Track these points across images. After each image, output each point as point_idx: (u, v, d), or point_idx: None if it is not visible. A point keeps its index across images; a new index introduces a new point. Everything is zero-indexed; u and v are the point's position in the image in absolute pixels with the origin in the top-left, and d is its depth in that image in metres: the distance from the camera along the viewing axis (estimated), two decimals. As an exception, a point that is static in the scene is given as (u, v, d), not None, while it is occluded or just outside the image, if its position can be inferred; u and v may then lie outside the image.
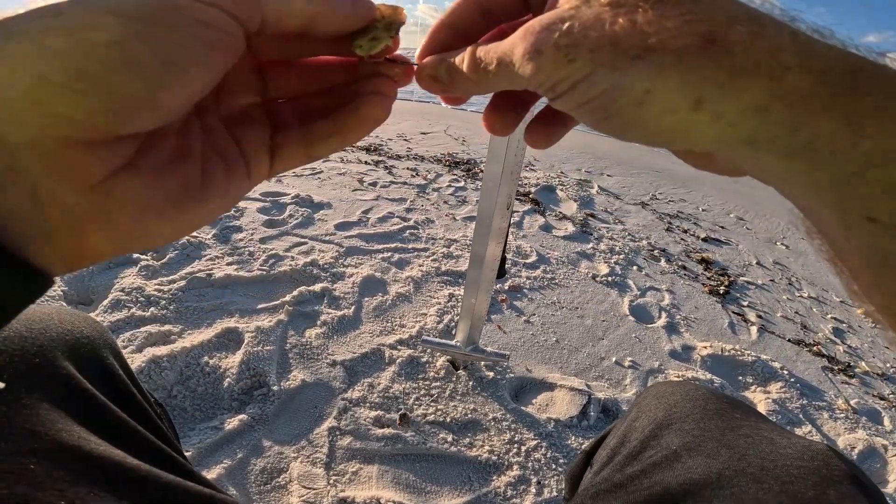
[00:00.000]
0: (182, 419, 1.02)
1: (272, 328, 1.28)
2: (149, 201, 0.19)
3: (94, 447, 0.31)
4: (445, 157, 3.31)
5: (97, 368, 0.39)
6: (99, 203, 0.18)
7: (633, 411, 0.56)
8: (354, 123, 0.25)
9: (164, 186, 0.20)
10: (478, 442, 1.07)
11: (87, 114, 0.16)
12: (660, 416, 0.49)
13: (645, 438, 0.47)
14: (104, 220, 0.18)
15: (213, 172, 0.22)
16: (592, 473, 0.53)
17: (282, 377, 1.15)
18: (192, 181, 0.21)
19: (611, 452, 0.52)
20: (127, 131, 0.18)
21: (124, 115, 0.17)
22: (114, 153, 0.18)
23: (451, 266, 1.76)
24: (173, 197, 0.20)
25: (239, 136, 0.24)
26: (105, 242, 0.19)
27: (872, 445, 1.31)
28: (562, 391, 1.25)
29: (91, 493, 0.28)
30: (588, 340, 1.50)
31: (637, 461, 0.46)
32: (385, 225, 2.02)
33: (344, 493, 0.92)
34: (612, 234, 2.42)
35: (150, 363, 1.08)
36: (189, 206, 0.21)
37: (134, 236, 0.20)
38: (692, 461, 0.41)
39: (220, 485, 0.89)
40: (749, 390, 1.45)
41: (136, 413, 0.40)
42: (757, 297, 2.08)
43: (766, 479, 0.37)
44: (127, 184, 0.18)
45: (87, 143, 0.17)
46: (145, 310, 1.28)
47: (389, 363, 1.24)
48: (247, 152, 0.24)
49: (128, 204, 0.19)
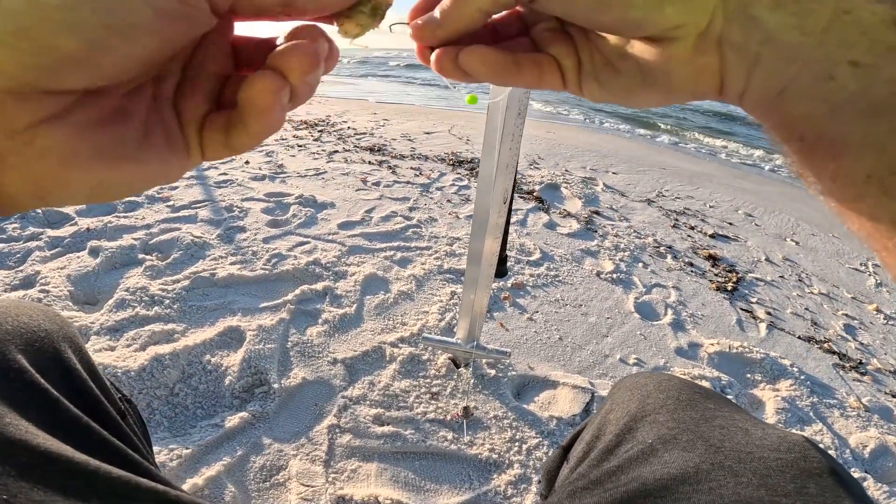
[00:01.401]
0: (184, 417, 1.03)
1: (274, 326, 1.28)
2: (72, 154, 0.19)
3: (42, 442, 0.31)
4: (449, 156, 3.31)
5: (53, 363, 0.39)
6: (18, 150, 0.18)
7: (606, 404, 0.55)
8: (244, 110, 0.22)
9: (92, 141, 0.20)
10: (478, 440, 1.06)
11: (19, 68, 0.17)
12: (633, 408, 0.48)
13: (620, 432, 0.46)
14: (22, 165, 0.18)
15: (153, 137, 0.22)
16: (569, 469, 0.52)
17: (283, 375, 1.15)
18: (127, 141, 0.21)
19: (586, 447, 0.51)
20: (59, 88, 0.18)
21: (58, 73, 0.17)
22: (42, 106, 0.18)
23: (453, 264, 1.76)
24: (103, 153, 0.20)
25: (181, 109, 0.24)
26: (22, 186, 0.19)
27: (885, 444, 1.28)
28: (564, 389, 1.24)
29: (35, 489, 0.28)
30: (592, 338, 1.49)
31: (613, 456, 0.45)
32: (388, 224, 2.02)
33: (342, 490, 0.91)
34: (617, 231, 2.39)
35: (153, 361, 1.09)
36: (122, 165, 0.21)
37: (54, 186, 0.20)
38: (668, 455, 0.40)
39: (219, 482, 0.89)
40: (758, 388, 1.43)
41: (91, 409, 0.39)
42: (766, 293, 2.05)
43: (743, 472, 0.36)
44: (50, 134, 0.18)
45: (16, 94, 0.17)
46: (149, 309, 1.29)
47: (390, 361, 1.24)
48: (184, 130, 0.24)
49: (47, 154, 0.19)
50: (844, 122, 0.21)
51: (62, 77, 0.17)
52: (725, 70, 0.24)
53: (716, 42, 0.23)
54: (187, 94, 0.24)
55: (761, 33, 0.21)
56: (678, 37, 0.23)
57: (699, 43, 0.23)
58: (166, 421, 1.01)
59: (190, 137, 0.24)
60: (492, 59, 0.26)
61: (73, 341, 0.44)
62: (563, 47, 0.27)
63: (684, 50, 0.23)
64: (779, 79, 0.22)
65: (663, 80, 0.25)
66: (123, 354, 1.12)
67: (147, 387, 1.04)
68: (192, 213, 1.90)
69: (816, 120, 0.22)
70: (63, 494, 0.29)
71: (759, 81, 0.23)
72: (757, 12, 0.21)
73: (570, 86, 0.28)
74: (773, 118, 0.24)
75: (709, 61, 0.24)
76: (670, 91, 0.26)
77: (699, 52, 0.23)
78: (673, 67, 0.24)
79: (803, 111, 0.22)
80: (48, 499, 0.28)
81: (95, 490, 0.31)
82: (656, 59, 0.24)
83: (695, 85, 0.25)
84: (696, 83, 0.25)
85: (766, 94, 0.23)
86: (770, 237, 2.87)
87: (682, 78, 0.25)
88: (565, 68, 0.28)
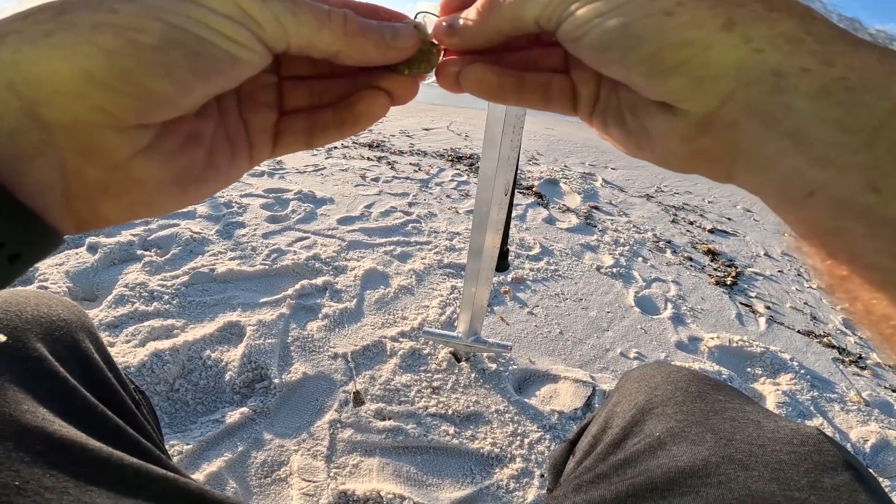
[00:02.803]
0: (184, 413, 1.02)
1: (274, 321, 1.27)
2: (161, 182, 0.21)
3: (58, 429, 0.30)
4: (448, 152, 3.30)
5: (72, 352, 0.39)
6: (119, 180, 0.20)
7: (613, 396, 0.54)
8: (350, 118, 0.25)
9: (175, 169, 0.22)
10: (480, 434, 1.06)
11: (119, 107, 0.18)
12: (641, 400, 0.47)
13: (627, 425, 0.45)
14: (120, 194, 0.21)
15: (217, 155, 0.24)
16: (574, 462, 0.52)
17: (283, 370, 1.14)
18: (195, 164, 0.23)
19: (592, 440, 0.50)
20: (151, 122, 0.20)
21: (151, 109, 0.19)
22: (137, 139, 0.20)
23: (453, 258, 1.75)
24: (178, 178, 0.22)
25: (248, 118, 0.26)
26: (115, 211, 0.21)
27: (886, 438, 1.29)
28: (566, 383, 1.24)
29: (48, 475, 0.28)
30: (592, 332, 1.49)
31: (620, 450, 0.44)
32: (387, 219, 2.01)
33: (344, 485, 0.91)
34: (617, 226, 2.39)
35: (152, 357, 1.08)
36: (190, 187, 0.23)
37: (140, 209, 0.22)
38: (677, 448, 0.39)
39: (220, 478, 0.89)
40: (758, 382, 1.43)
41: (107, 398, 0.39)
42: (765, 287, 2.05)
43: (755, 465, 0.35)
44: (145, 165, 0.20)
45: (116, 129, 0.19)
46: (149, 305, 1.28)
47: (391, 355, 1.24)
48: (252, 136, 0.26)
49: (143, 183, 0.21)
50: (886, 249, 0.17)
51: (154, 112, 0.19)
52: (736, 160, 0.21)
53: (726, 127, 0.20)
54: (252, 108, 0.26)
55: (791, 123, 0.18)
56: (683, 111, 0.21)
57: (704, 125, 0.21)
58: (166, 417, 1.00)
59: (259, 143, 0.26)
60: (491, 81, 0.25)
61: (91, 332, 0.44)
62: (586, 74, 0.26)
63: (686, 128, 0.21)
64: (805, 182, 0.18)
65: (660, 151, 0.23)
66: (123, 350, 1.12)
67: (147, 382, 1.04)
68: (190, 208, 1.89)
69: (851, 239, 0.18)
70: (75, 480, 0.29)
71: (779, 181, 0.19)
72: (791, 100, 0.18)
73: (581, 113, 0.27)
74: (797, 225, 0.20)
75: (712, 146, 0.21)
76: (668, 164, 0.24)
77: (703, 133, 0.21)
78: (671, 143, 0.22)
79: (834, 225, 0.18)
80: (59, 485, 0.28)
81: (107, 477, 0.30)
82: (658, 127, 0.22)
83: (692, 167, 0.23)
84: (693, 165, 0.23)
85: (787, 196, 0.19)
86: (768, 232, 2.87)
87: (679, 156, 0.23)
88: (581, 96, 0.27)
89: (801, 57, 0.18)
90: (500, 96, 0.26)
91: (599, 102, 0.26)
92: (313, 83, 0.27)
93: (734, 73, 0.19)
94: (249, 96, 0.26)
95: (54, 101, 0.17)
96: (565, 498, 0.41)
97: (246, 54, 0.20)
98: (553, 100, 0.27)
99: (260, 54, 0.21)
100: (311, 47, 0.22)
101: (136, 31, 0.18)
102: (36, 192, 0.19)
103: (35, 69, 0.17)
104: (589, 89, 0.26)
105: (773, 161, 0.19)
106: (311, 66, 0.27)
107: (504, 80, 0.26)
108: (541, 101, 0.26)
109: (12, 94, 0.17)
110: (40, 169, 0.18)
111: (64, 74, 0.17)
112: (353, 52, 0.23)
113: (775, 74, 0.18)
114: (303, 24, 0.21)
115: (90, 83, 0.17)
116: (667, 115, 0.22)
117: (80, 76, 0.17)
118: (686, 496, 0.35)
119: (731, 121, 0.20)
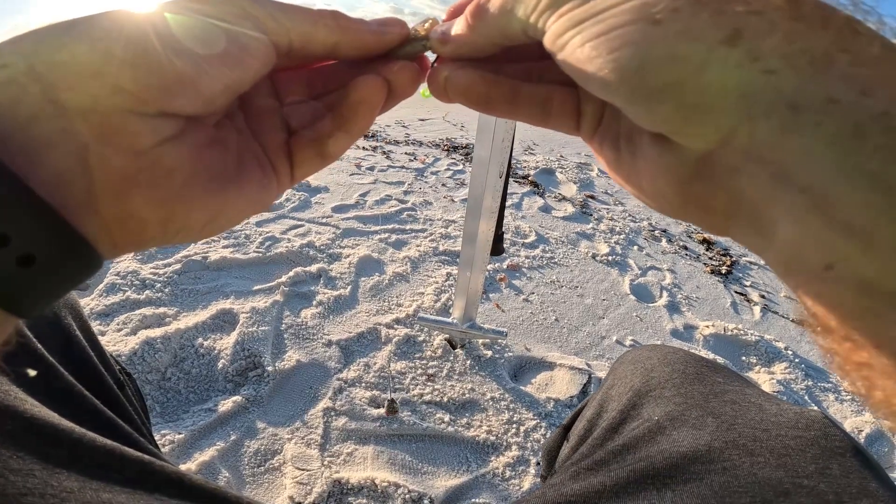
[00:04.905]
0: (176, 401, 1.01)
1: (267, 309, 1.26)
2: (193, 173, 0.21)
3: (30, 408, 0.29)
4: (444, 142, 3.27)
5: (52, 328, 0.37)
6: (146, 168, 0.19)
7: (608, 379, 0.53)
8: (349, 112, 0.24)
9: (206, 162, 0.21)
10: (475, 422, 1.05)
11: (140, 88, 0.18)
12: (637, 382, 0.46)
13: (624, 409, 0.44)
14: (152, 183, 0.19)
15: (248, 165, 0.24)
16: (569, 448, 0.51)
17: (276, 358, 1.13)
18: (229, 166, 0.22)
19: (588, 424, 0.49)
20: (172, 109, 0.19)
21: (172, 92, 0.19)
22: (161, 126, 0.19)
23: (448, 246, 1.74)
24: (215, 175, 0.21)
25: (261, 140, 0.25)
26: (151, 210, 0.20)
27: (880, 428, 1.29)
28: (561, 370, 1.23)
29: (14, 457, 0.27)
30: (588, 319, 1.48)
31: (618, 434, 0.43)
32: (382, 207, 1.99)
33: (338, 474, 0.90)
34: (613, 214, 2.38)
35: (144, 345, 1.07)
36: (229, 189, 0.22)
37: (177, 209, 0.20)
38: (677, 433, 0.38)
39: (213, 467, 0.88)
40: (753, 370, 1.43)
41: (87, 377, 0.38)
42: (760, 277, 2.05)
43: (760, 451, 0.34)
44: (174, 153, 0.20)
45: (136, 114, 0.18)
46: (140, 293, 1.27)
47: (386, 342, 1.23)
48: (271, 157, 0.25)
49: (174, 172, 0.20)
50: None
51: (174, 96, 0.19)
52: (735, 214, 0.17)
53: (727, 173, 0.16)
54: (262, 128, 0.25)
55: (809, 175, 0.14)
56: (677, 146, 0.17)
57: (700, 166, 0.17)
58: (158, 406, 0.99)
59: (278, 164, 0.25)
60: (479, 89, 0.23)
61: (74, 308, 0.42)
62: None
63: (679, 167, 0.18)
64: (823, 252, 0.14)
65: (649, 190, 0.20)
66: (114, 339, 1.10)
67: (138, 371, 1.02)
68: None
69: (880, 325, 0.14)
70: (43, 462, 0.28)
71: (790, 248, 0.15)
72: (811, 143, 0.14)
73: (583, 133, 0.24)
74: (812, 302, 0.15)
75: (708, 194, 0.17)
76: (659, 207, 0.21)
77: (699, 176, 0.17)
78: (661, 183, 0.19)
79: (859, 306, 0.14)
80: (25, 467, 0.27)
81: (77, 459, 0.29)
82: (649, 162, 0.19)
83: (684, 213, 0.19)
84: (685, 212, 0.19)
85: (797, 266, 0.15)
86: (764, 221, 2.87)
87: (670, 198, 0.19)
88: (585, 113, 0.24)
89: (827, 83, 0.13)
90: (491, 106, 0.24)
91: (603, 122, 0.23)
92: (314, 103, 0.27)
93: (736, 103, 0.15)
94: (256, 119, 0.25)
95: (74, 82, 0.17)
96: (563, 485, 0.40)
97: (254, 44, 0.21)
98: (553, 115, 0.24)
99: (267, 45, 0.21)
100: (311, 41, 0.22)
101: (151, 17, 0.19)
102: (56, 184, 0.18)
103: (57, 55, 0.17)
104: (594, 107, 0.23)
105: (782, 221, 0.15)
106: (309, 88, 0.27)
107: (494, 90, 0.24)
108: (539, 115, 0.24)
109: (32, 78, 0.17)
110: (60, 158, 0.18)
111: (84, 53, 0.17)
112: (351, 41, 0.23)
113: (790, 107, 0.14)
114: (297, 21, 0.22)
115: (110, 60, 0.17)
116: (658, 148, 0.18)
117: (100, 54, 0.17)
118: (690, 483, 0.34)
119: (731, 166, 0.16)
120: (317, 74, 0.27)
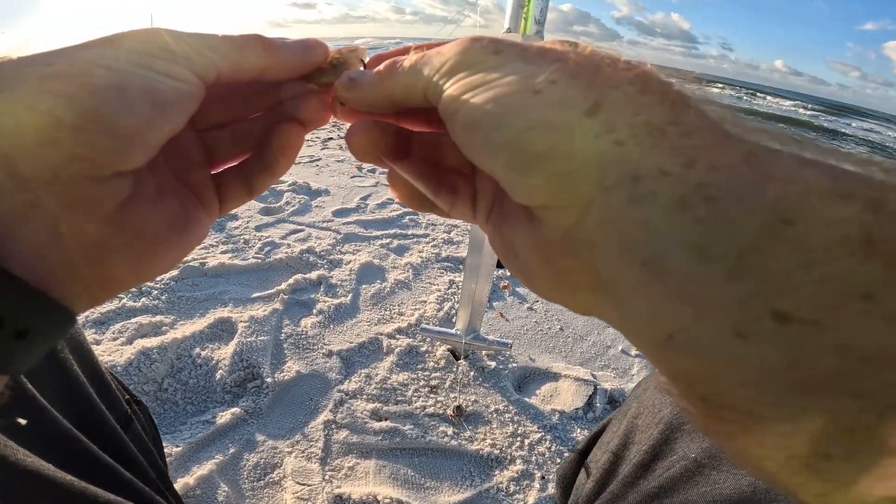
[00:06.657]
0: (173, 413, 0.99)
1: (267, 318, 1.23)
2: (158, 225, 0.21)
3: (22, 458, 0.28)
4: (446, 142, 3.25)
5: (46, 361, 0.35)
6: (116, 232, 0.19)
7: (632, 406, 0.50)
8: (273, 157, 0.25)
9: (165, 212, 0.22)
10: (479, 435, 1.03)
11: (94, 151, 0.17)
12: (666, 413, 0.43)
13: (655, 443, 0.42)
14: (125, 246, 0.20)
15: (190, 208, 0.24)
16: (594, 482, 0.48)
17: (276, 368, 1.11)
18: (177, 211, 0.23)
19: (613, 458, 0.47)
20: (126, 167, 0.19)
21: (123, 151, 0.18)
22: (118, 187, 0.19)
23: (451, 252, 1.72)
24: (174, 219, 0.22)
25: (187, 179, 0.25)
26: (125, 270, 0.20)
27: None
28: (566, 381, 1.21)
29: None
30: (594, 328, 1.46)
31: (651, 474, 0.40)
32: (384, 211, 1.97)
33: (340, 489, 0.88)
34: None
35: (140, 355, 1.05)
36: (183, 234, 0.23)
37: (150, 262, 0.21)
38: (717, 473, 0.35)
39: (211, 481, 0.86)
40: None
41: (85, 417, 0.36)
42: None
43: None
44: (137, 210, 0.20)
45: (95, 179, 0.18)
46: (136, 300, 1.24)
47: (388, 353, 1.20)
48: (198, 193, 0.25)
49: (143, 229, 0.20)
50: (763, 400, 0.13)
51: (126, 154, 0.18)
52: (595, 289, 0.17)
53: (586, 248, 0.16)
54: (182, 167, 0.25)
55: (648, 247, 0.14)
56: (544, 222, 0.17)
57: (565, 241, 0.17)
58: (155, 418, 0.97)
59: (207, 199, 0.25)
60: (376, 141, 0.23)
61: (74, 339, 0.39)
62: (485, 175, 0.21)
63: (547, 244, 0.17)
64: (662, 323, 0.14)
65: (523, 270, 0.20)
66: (109, 348, 1.08)
67: (134, 382, 1.00)
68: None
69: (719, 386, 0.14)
70: None
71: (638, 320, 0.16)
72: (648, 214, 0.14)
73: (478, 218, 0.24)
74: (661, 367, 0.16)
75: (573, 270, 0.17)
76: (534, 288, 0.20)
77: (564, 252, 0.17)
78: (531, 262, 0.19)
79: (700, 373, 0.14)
80: None
81: None
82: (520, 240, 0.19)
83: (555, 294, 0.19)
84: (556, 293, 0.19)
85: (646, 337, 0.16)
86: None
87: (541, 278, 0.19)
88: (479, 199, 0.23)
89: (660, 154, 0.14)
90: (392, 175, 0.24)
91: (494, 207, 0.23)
92: (233, 128, 0.26)
93: (594, 173, 0.15)
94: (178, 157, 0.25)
95: (31, 153, 0.17)
96: None
97: (185, 86, 0.20)
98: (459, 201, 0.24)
99: (196, 84, 0.21)
100: (240, 69, 0.22)
101: (85, 76, 0.18)
102: (31, 260, 0.18)
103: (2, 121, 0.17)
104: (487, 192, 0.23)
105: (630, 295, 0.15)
106: (227, 111, 0.26)
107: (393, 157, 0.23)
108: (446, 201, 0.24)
109: None
110: (33, 233, 0.17)
111: (33, 123, 0.17)
112: (278, 64, 0.23)
113: (633, 178, 0.14)
114: (225, 52, 0.21)
115: (61, 127, 0.17)
116: (530, 226, 0.18)
117: (48, 122, 0.17)
118: None
119: (589, 240, 0.16)
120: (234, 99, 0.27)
